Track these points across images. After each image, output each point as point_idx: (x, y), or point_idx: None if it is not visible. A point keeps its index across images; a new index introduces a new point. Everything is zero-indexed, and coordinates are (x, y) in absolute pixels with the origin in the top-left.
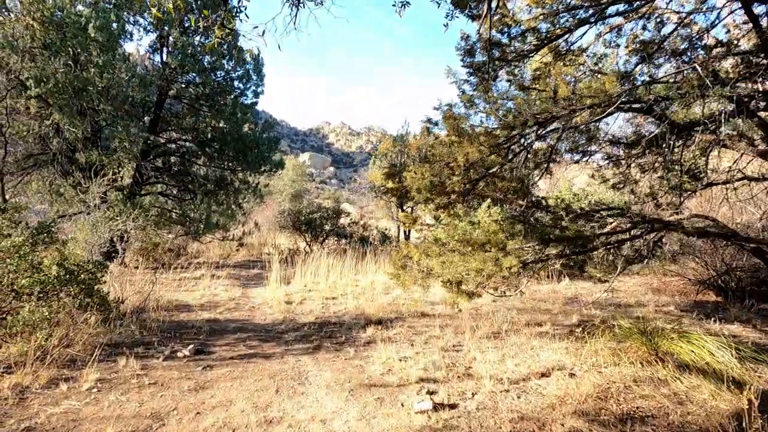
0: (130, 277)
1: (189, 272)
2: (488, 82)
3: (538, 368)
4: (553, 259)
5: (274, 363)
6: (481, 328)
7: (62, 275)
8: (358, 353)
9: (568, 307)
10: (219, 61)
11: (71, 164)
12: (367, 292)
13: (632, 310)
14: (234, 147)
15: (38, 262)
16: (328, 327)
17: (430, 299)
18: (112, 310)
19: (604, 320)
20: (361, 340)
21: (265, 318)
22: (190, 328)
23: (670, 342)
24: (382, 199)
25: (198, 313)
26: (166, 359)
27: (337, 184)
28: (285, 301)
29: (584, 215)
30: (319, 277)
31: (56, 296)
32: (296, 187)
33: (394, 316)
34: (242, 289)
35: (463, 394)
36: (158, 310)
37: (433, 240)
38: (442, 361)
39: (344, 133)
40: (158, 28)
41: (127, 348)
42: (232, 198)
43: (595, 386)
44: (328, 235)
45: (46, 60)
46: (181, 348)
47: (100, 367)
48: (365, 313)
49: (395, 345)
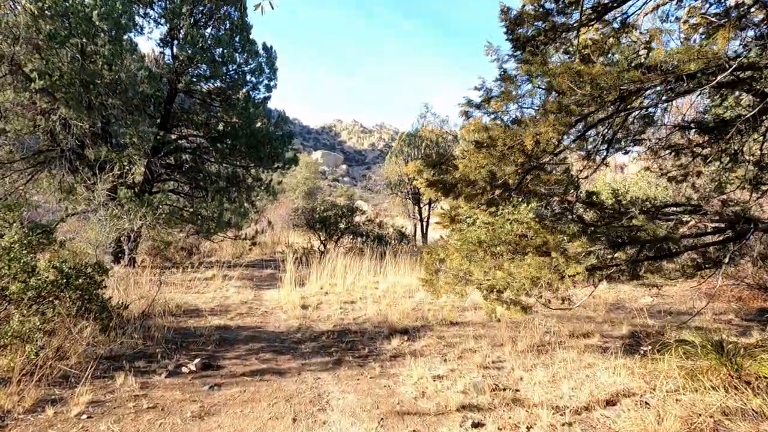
0: (136, 278)
1: (200, 272)
2: (544, 54)
3: (600, 394)
4: (623, 265)
5: (290, 382)
6: (520, 339)
7: (58, 280)
8: (384, 370)
9: (613, 315)
10: (230, 54)
11: (80, 161)
12: (388, 296)
13: (687, 318)
14: (246, 143)
15: (32, 266)
16: (348, 336)
17: (458, 304)
18: (113, 317)
19: (660, 331)
20: (386, 354)
21: (279, 325)
22: (198, 337)
23: (759, 363)
24: (397, 195)
25: (207, 318)
26: (170, 375)
27: (350, 181)
28: (300, 306)
29: (650, 213)
30: (335, 278)
31: (51, 303)
32: (309, 184)
33: (420, 324)
34: (255, 291)
35: (516, 427)
36: (165, 315)
37: (477, 242)
38: (484, 382)
39: (356, 130)
40: (169, 20)
41: (128, 361)
42: (245, 195)
43: (680, 421)
44: (343, 234)
45: (52, 51)
46: (187, 361)
47: (95, 385)
48: (388, 320)
49: (425, 360)
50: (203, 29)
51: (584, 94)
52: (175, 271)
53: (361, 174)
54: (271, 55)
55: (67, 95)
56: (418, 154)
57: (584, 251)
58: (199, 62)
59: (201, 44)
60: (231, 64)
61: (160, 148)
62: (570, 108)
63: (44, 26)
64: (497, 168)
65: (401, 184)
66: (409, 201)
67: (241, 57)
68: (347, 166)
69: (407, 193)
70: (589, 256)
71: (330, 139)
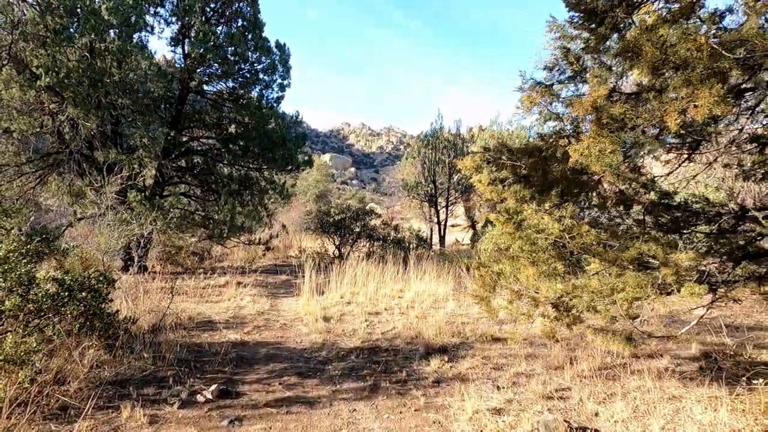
0: (147, 286)
1: (213, 279)
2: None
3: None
4: (741, 281)
5: (323, 415)
6: (578, 360)
7: (60, 293)
8: (429, 400)
9: (672, 329)
10: (243, 52)
11: (89, 163)
12: (416, 306)
13: (762, 335)
14: (260, 144)
15: (30, 277)
16: (380, 355)
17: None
18: (120, 335)
19: (737, 351)
20: (427, 378)
21: (301, 340)
22: (214, 355)
23: None
24: (414, 198)
25: (222, 332)
26: (183, 406)
27: (358, 184)
28: (321, 317)
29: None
30: (356, 286)
31: (50, 320)
32: (320, 187)
33: (458, 340)
34: (271, 300)
35: None
36: (177, 329)
37: (554, 252)
38: (555, 420)
39: (364, 134)
40: (180, 18)
41: (136, 387)
42: (258, 198)
43: None
44: (359, 238)
45: (58, 47)
46: (202, 387)
47: (97, 419)
48: (421, 334)
49: (474, 386)
50: (215, 27)
51: (736, 58)
52: (187, 277)
53: (370, 177)
54: (285, 53)
55: (74, 94)
56: (436, 155)
57: (694, 265)
58: (211, 60)
59: (213, 42)
60: (243, 63)
61: (172, 150)
62: (726, 72)
63: (51, 22)
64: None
65: (418, 185)
66: (425, 203)
67: (254, 55)
68: (356, 169)
69: (425, 195)
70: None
71: (338, 142)
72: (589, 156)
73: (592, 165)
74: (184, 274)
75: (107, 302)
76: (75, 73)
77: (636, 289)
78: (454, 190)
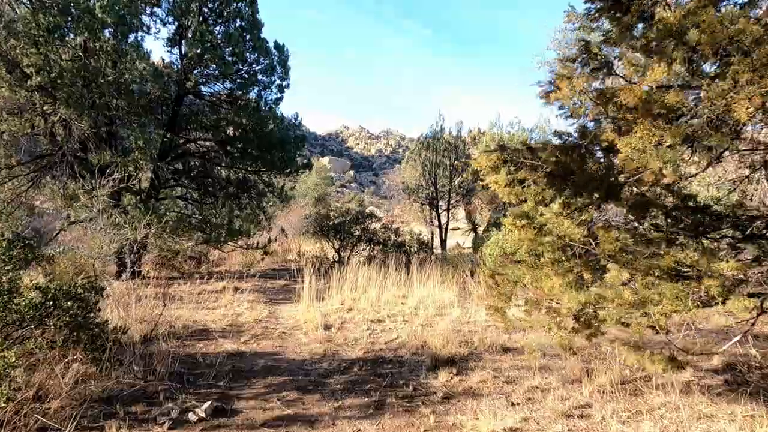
0: (140, 292)
1: (210, 284)
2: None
3: None
4: None
5: None
6: (596, 374)
7: (45, 302)
8: (439, 418)
9: (690, 339)
10: (241, 52)
11: (82, 165)
12: (420, 313)
13: None
14: (258, 146)
15: (12, 285)
16: (384, 367)
17: (499, 324)
18: (107, 347)
19: (763, 364)
20: (436, 393)
21: (301, 350)
22: (209, 368)
23: None
24: (415, 201)
25: (218, 341)
26: (174, 425)
27: (357, 187)
28: (322, 325)
29: None
30: (357, 291)
31: (32, 331)
32: (319, 190)
33: (466, 350)
34: (269, 306)
35: None
36: (170, 338)
37: (581, 259)
38: None
39: (363, 137)
40: (177, 17)
41: (123, 404)
42: (256, 202)
43: None
44: (359, 241)
45: (51, 46)
46: (195, 404)
47: None
48: (427, 344)
49: (487, 402)
50: (213, 27)
51: None
52: (183, 283)
53: (369, 180)
54: (284, 54)
55: (67, 94)
56: (437, 157)
57: (738, 275)
58: (209, 61)
59: (211, 42)
60: (242, 64)
61: (168, 152)
62: None
63: (43, 20)
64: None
65: (419, 188)
66: (426, 206)
67: (252, 56)
68: (354, 172)
69: (425, 198)
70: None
71: (337, 145)
72: (642, 151)
73: (647, 161)
74: (179, 279)
75: (95, 311)
76: (68, 72)
77: (674, 301)
78: (456, 193)
